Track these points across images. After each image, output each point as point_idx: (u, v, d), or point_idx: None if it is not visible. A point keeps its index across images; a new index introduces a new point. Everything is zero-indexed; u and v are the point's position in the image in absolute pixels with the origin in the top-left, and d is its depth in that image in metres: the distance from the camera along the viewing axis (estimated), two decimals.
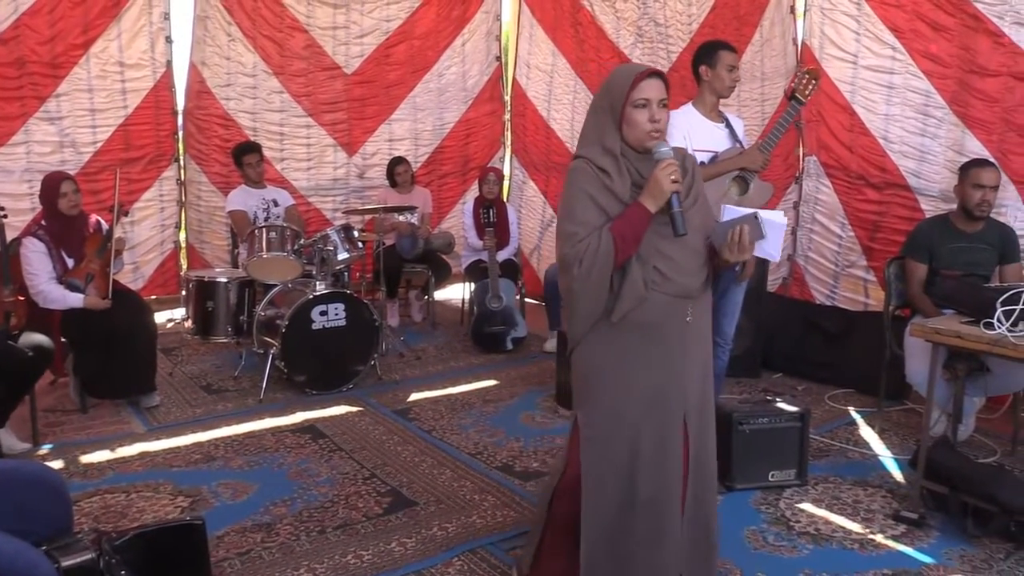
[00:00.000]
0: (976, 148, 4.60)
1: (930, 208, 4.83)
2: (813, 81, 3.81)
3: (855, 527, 3.32)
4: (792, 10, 5.54)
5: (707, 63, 3.74)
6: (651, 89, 2.28)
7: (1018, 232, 4.29)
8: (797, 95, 3.79)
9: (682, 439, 2.39)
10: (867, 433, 4.36)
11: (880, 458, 4.03)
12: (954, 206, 4.25)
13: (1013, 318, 3.04)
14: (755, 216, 2.31)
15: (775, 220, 2.36)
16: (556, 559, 2.57)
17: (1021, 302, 3.05)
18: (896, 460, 3.98)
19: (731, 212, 2.45)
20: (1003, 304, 3.07)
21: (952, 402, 3.93)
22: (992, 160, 4.26)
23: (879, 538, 3.23)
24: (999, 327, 3.05)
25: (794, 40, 5.52)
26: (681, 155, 2.41)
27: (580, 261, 2.24)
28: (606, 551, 2.40)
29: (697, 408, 2.43)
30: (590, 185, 2.30)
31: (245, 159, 5.80)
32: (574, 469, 2.45)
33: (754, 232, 2.31)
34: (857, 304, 5.32)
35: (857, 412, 4.66)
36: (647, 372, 2.35)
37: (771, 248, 2.42)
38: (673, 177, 2.23)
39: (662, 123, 2.30)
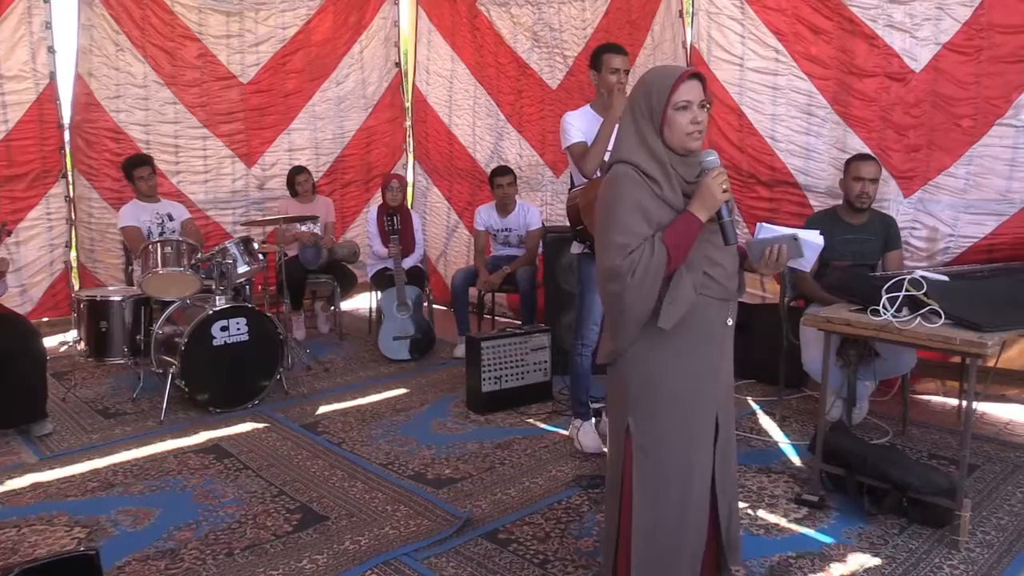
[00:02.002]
0: (858, 145, 4.81)
1: (818, 204, 5.03)
2: None
3: (761, 513, 3.42)
4: (681, 14, 5.67)
5: (594, 67, 3.89)
6: (692, 91, 2.24)
7: (900, 224, 4.52)
8: None
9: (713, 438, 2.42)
10: (768, 422, 4.51)
11: (781, 445, 4.18)
12: (840, 200, 4.44)
13: (897, 304, 3.21)
14: (795, 238, 2.34)
15: (813, 240, 2.38)
16: None
17: (903, 289, 3.22)
18: (794, 446, 4.13)
19: (768, 231, 2.43)
20: (888, 291, 3.23)
21: (846, 387, 4.11)
22: (873, 155, 4.47)
23: (783, 522, 3.34)
24: (884, 313, 3.20)
25: (683, 43, 5.66)
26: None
27: (633, 272, 2.19)
28: (662, 556, 2.37)
29: (725, 407, 2.45)
30: (639, 193, 2.24)
31: (135, 172, 5.60)
32: (630, 480, 2.39)
33: (792, 252, 2.35)
34: (755, 297, 5.49)
35: (758, 402, 4.82)
36: (699, 376, 2.35)
37: (807, 264, 2.45)
38: (725, 187, 2.24)
39: (703, 124, 2.28)
